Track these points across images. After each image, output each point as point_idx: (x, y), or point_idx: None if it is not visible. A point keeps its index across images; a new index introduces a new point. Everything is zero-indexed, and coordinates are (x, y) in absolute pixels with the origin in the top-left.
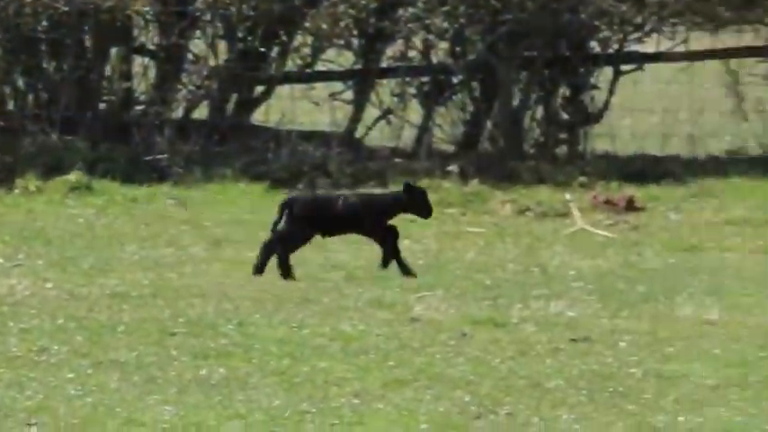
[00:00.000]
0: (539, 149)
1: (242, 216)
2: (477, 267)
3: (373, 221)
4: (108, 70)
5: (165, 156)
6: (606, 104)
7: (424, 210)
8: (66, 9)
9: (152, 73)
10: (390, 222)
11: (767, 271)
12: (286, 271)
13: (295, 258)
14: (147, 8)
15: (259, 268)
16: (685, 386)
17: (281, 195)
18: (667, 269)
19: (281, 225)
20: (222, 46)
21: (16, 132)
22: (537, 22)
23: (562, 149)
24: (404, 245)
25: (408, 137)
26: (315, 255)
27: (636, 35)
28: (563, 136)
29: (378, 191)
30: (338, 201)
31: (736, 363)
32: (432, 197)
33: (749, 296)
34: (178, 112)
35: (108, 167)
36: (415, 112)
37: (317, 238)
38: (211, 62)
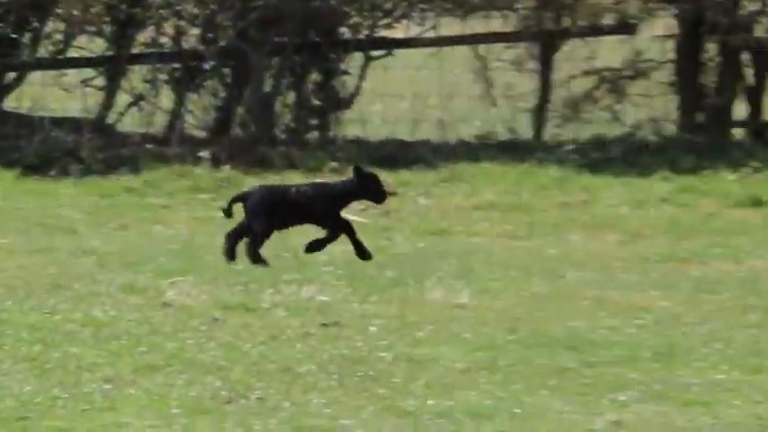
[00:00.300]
0: (290, 135)
1: None
2: None
3: (326, 210)
4: None
5: None
6: (357, 90)
7: (377, 195)
8: None
9: None
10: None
11: (515, 255)
12: (261, 262)
13: (47, 243)
14: None
15: (230, 254)
16: (435, 370)
17: (34, 182)
18: (417, 254)
19: (243, 221)
20: None
21: None
22: (288, 8)
23: (313, 135)
24: (155, 230)
25: (160, 123)
26: (66, 241)
27: (386, 21)
28: (314, 121)
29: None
30: (291, 191)
31: (485, 346)
32: (183, 183)
33: (497, 280)
34: None
35: None
36: (166, 98)
37: None
38: None
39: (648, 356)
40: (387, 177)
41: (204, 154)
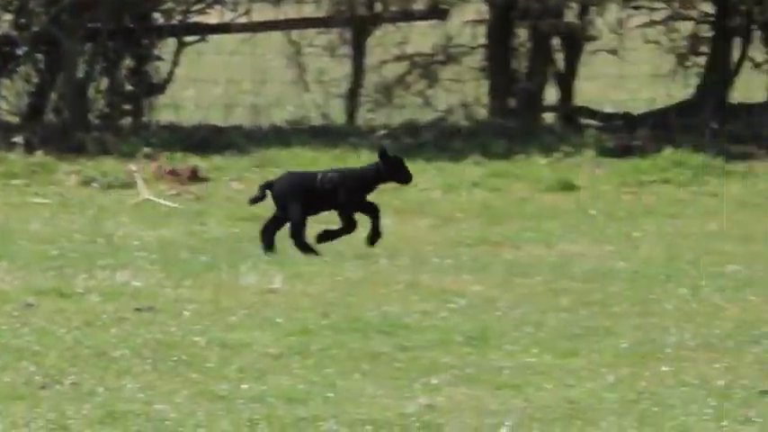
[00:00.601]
0: (104, 120)
1: None
2: (43, 238)
3: (352, 196)
4: None
5: None
6: (170, 76)
7: (403, 176)
8: None
9: None
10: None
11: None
12: (309, 249)
13: None
14: None
15: (269, 247)
16: (248, 354)
17: None
18: (230, 239)
19: (276, 211)
20: None
21: None
22: None
23: (127, 120)
24: None
25: None
26: None
27: (199, 7)
28: (127, 107)
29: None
30: (317, 177)
31: (298, 331)
32: None
33: (311, 265)
34: None
35: None
36: None
37: None
38: None
39: (461, 340)
40: (199, 162)
41: (18, 139)
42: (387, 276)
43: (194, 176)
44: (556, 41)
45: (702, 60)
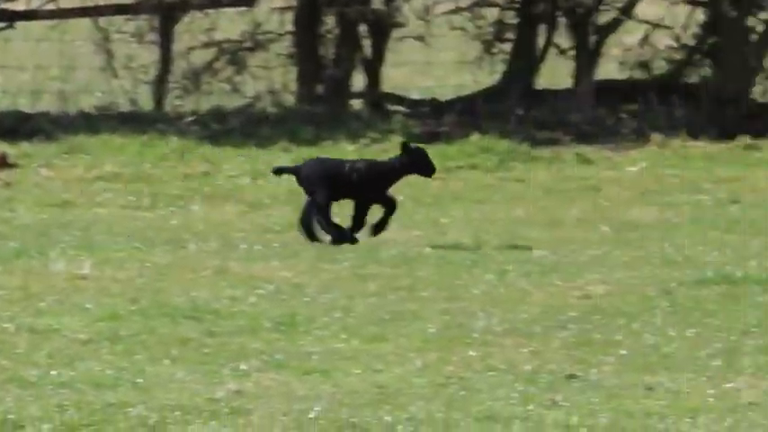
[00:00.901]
0: None
1: None
2: None
3: (378, 188)
4: None
5: None
6: None
7: (427, 169)
8: None
9: None
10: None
11: (138, 226)
12: (335, 229)
13: None
14: None
15: (312, 237)
16: (58, 340)
17: None
18: (39, 225)
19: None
20: None
21: None
22: None
23: None
24: None
25: None
26: None
27: None
28: None
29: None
30: (344, 166)
31: (107, 317)
32: None
33: (120, 251)
34: None
35: None
36: None
37: None
38: None
39: (269, 326)
40: (7, 149)
41: None
42: (195, 262)
43: (3, 163)
44: (363, 28)
45: (508, 47)
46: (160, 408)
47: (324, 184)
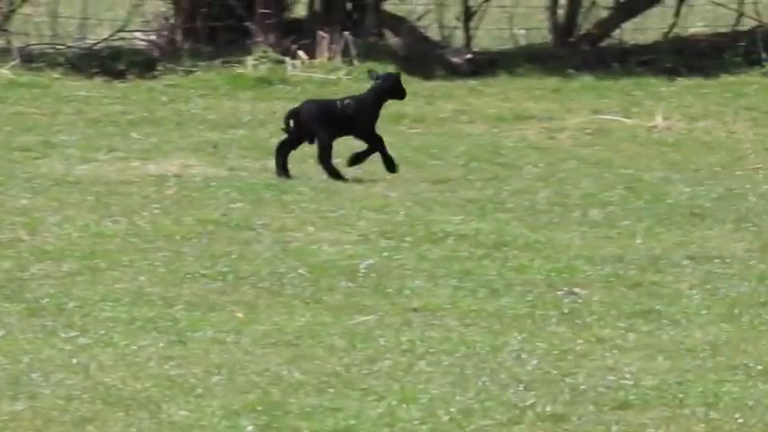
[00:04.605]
0: None
1: None
2: None
3: (369, 120)
4: None
5: None
6: None
7: (401, 92)
8: None
9: None
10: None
11: None
12: (337, 174)
13: None
14: None
15: (284, 170)
16: None
17: None
18: None
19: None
20: None
21: None
22: None
23: None
24: None
25: None
26: None
27: None
28: None
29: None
30: (336, 104)
31: None
32: None
33: None
34: None
35: None
36: None
37: None
38: None
39: None
40: None
41: None
42: None
43: None
44: None
45: None
46: None
47: (324, 124)
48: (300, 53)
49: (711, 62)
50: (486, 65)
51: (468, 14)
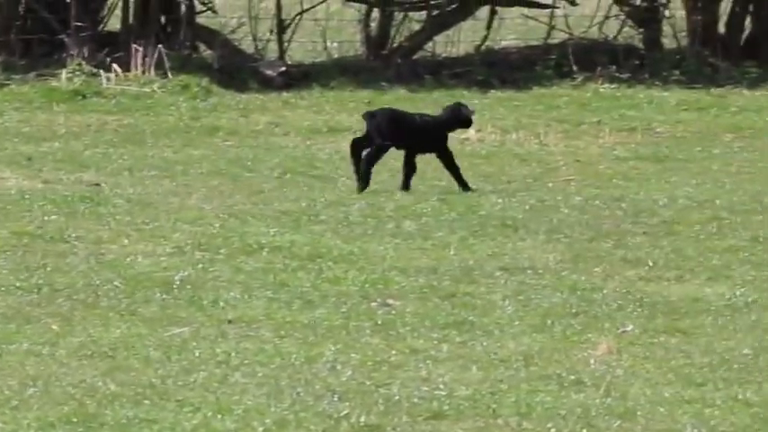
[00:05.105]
0: None
1: None
2: None
3: (442, 139)
4: None
5: None
6: None
7: (469, 122)
8: None
9: None
10: None
11: None
12: (366, 180)
13: None
14: None
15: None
16: None
17: None
18: None
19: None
20: None
21: None
22: None
23: None
24: None
25: None
26: None
27: None
28: None
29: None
30: (416, 118)
31: None
32: None
33: None
34: None
35: None
36: None
37: None
38: None
39: None
40: None
41: None
42: None
43: None
44: None
45: None
46: None
47: (394, 131)
48: (114, 66)
49: (523, 75)
50: (299, 77)
51: (281, 27)
